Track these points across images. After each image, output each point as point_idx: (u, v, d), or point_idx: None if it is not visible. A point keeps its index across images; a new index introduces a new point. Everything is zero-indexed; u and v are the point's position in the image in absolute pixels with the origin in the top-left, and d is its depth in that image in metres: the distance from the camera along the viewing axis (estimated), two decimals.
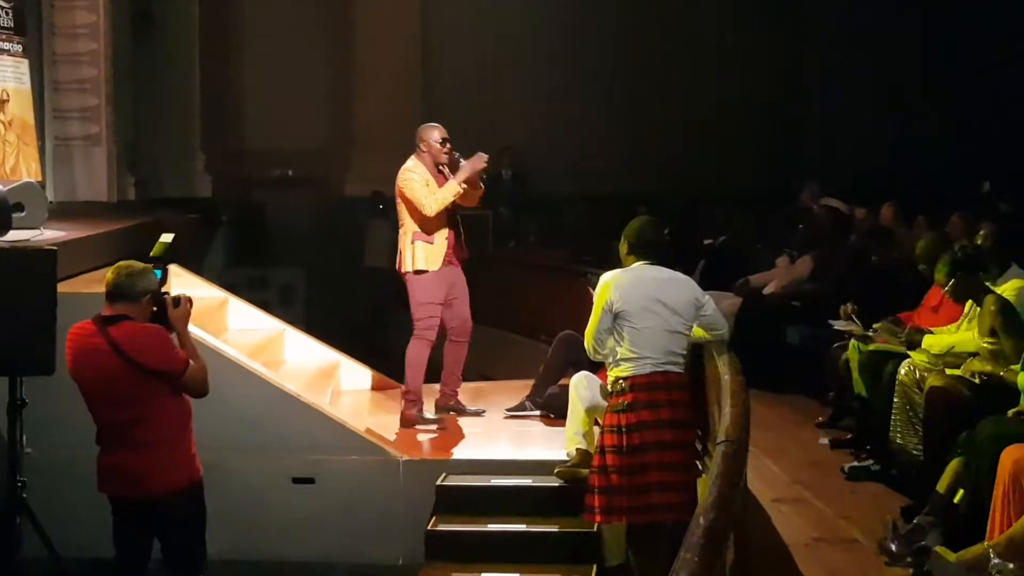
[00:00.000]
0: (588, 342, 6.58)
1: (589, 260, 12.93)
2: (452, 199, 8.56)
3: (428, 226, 8.60)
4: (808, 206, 12.25)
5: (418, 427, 8.78)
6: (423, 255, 8.58)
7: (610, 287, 6.44)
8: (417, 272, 8.61)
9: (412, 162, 8.67)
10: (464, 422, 9.07)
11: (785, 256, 10.36)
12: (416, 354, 8.72)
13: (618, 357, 6.44)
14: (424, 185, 8.54)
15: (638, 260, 6.54)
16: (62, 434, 7.27)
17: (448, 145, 8.70)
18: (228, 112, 17.12)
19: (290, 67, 17.33)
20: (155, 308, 5.88)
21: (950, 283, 6.59)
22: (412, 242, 8.59)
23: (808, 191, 12.64)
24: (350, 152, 17.46)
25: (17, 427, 6.55)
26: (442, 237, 8.64)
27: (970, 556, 5.08)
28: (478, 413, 9.16)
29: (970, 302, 6.75)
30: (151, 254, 6.45)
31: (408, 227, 8.62)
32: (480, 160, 8.64)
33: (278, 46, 17.28)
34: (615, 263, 6.95)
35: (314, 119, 17.55)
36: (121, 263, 5.94)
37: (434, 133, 8.73)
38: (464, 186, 8.55)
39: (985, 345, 6.37)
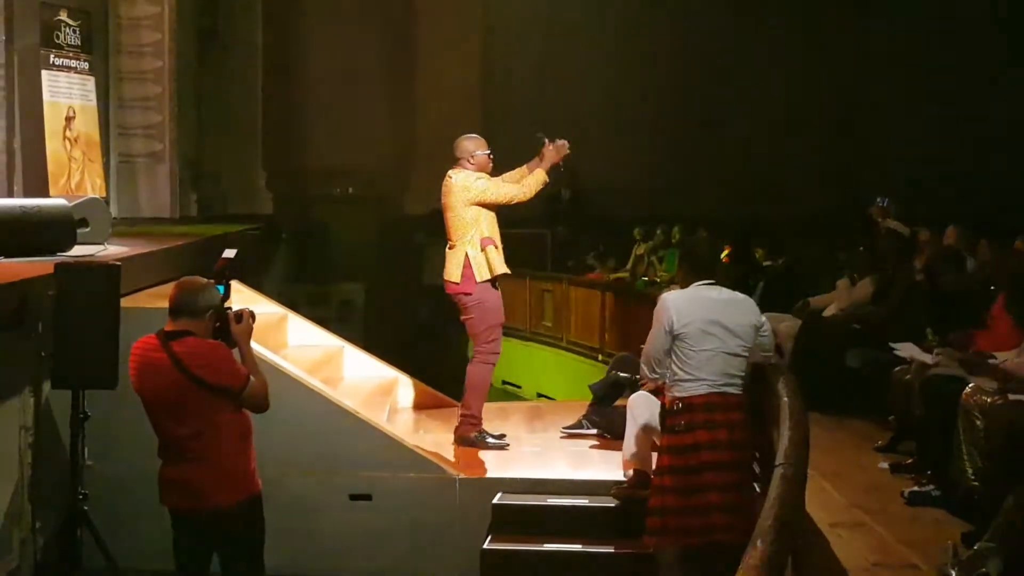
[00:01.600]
0: (646, 364, 6.54)
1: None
2: (539, 188, 8.58)
3: (495, 231, 8.60)
4: (876, 220, 12.15)
5: (478, 447, 8.76)
6: (497, 259, 8.53)
7: (670, 307, 6.40)
8: (493, 279, 8.54)
9: (466, 173, 8.61)
10: (522, 440, 9.07)
11: (846, 278, 10.28)
12: (482, 377, 8.70)
13: (676, 378, 6.41)
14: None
15: (697, 280, 6.51)
16: (124, 447, 7.35)
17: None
18: (290, 130, 17.28)
19: (352, 87, 17.48)
20: (218, 323, 5.92)
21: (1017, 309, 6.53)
22: (483, 248, 8.49)
23: (879, 205, 12.48)
24: (410, 171, 17.57)
25: (79, 440, 6.63)
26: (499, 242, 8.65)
27: None
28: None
29: None
30: (213, 270, 6.51)
31: (474, 235, 8.50)
32: (563, 148, 8.65)
33: (340, 66, 17.43)
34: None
35: (375, 138, 17.68)
36: (184, 279, 5.99)
37: (480, 145, 8.74)
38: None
39: None
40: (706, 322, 6.34)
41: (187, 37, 13.34)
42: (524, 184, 8.58)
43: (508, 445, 8.81)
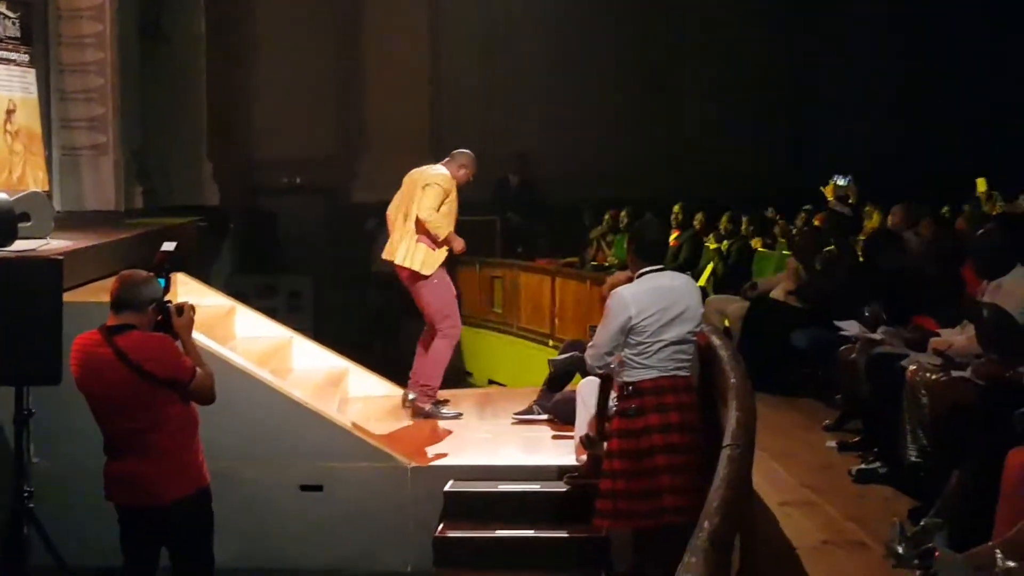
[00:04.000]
0: (595, 358, 6.46)
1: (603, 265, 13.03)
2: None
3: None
4: (828, 199, 12.17)
5: (433, 418, 9.13)
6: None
7: (627, 303, 6.33)
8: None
9: (447, 174, 9.07)
10: (473, 427, 9.11)
11: (793, 259, 10.30)
12: (445, 351, 9.15)
13: (626, 364, 6.40)
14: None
15: (645, 264, 6.48)
16: (69, 444, 7.31)
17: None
18: (236, 120, 17.15)
19: (298, 75, 17.35)
20: (160, 317, 5.89)
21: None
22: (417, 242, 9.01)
23: (835, 183, 12.45)
24: (358, 160, 17.49)
25: (24, 437, 6.56)
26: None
27: (976, 554, 5.05)
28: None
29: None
30: (153, 262, 6.46)
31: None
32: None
33: (286, 54, 17.30)
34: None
35: (322, 127, 17.57)
36: (125, 272, 5.95)
37: (473, 168, 9.29)
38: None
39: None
40: (663, 314, 6.29)
41: (129, 28, 13.17)
42: (434, 214, 8.94)
43: (461, 415, 9.21)
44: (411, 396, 9.27)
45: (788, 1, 17.41)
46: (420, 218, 8.87)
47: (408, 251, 8.97)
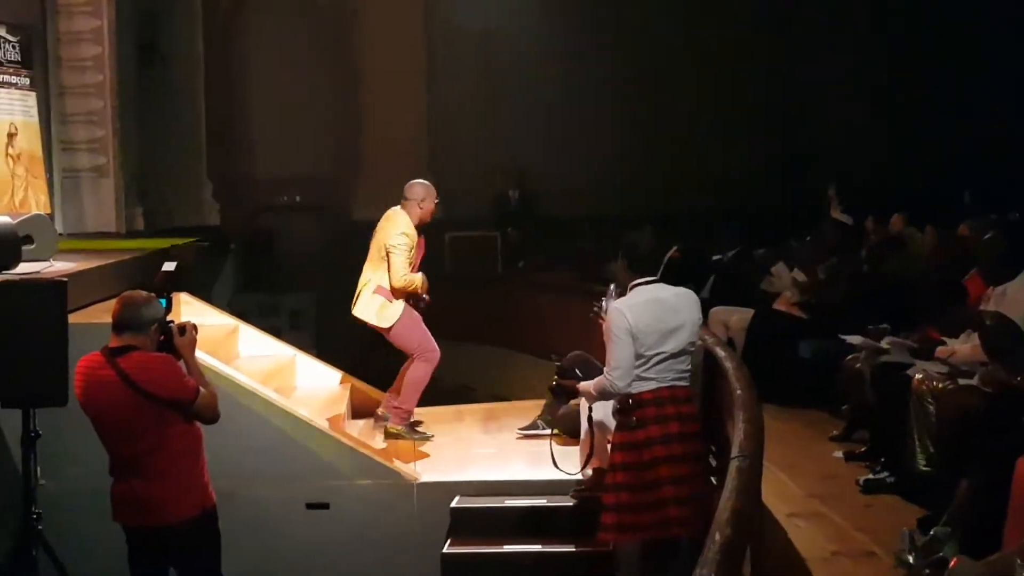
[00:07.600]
0: (622, 377, 6.23)
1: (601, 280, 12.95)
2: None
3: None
4: (832, 207, 12.21)
5: (404, 439, 8.97)
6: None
7: (625, 314, 6.26)
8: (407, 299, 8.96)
9: (407, 219, 8.82)
10: (478, 442, 9.09)
11: (796, 270, 10.30)
12: (424, 375, 8.98)
13: None
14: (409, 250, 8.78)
15: (638, 276, 6.42)
16: (76, 465, 7.30)
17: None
18: (235, 140, 17.17)
19: (296, 93, 17.39)
20: (162, 337, 5.88)
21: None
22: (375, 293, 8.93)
23: (833, 191, 12.52)
24: (357, 177, 17.49)
25: (31, 459, 6.55)
26: None
27: (994, 562, 5.02)
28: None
29: None
30: (154, 283, 6.47)
31: (382, 276, 8.92)
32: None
33: (283, 73, 17.34)
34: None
35: (321, 145, 17.59)
36: (126, 293, 5.94)
37: (432, 194, 8.96)
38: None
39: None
40: (661, 327, 6.23)
41: (128, 50, 13.21)
42: (408, 277, 8.77)
43: (433, 436, 9.09)
44: (380, 412, 9.19)
45: (781, 12, 17.42)
46: (396, 287, 8.78)
47: (380, 309, 8.93)
